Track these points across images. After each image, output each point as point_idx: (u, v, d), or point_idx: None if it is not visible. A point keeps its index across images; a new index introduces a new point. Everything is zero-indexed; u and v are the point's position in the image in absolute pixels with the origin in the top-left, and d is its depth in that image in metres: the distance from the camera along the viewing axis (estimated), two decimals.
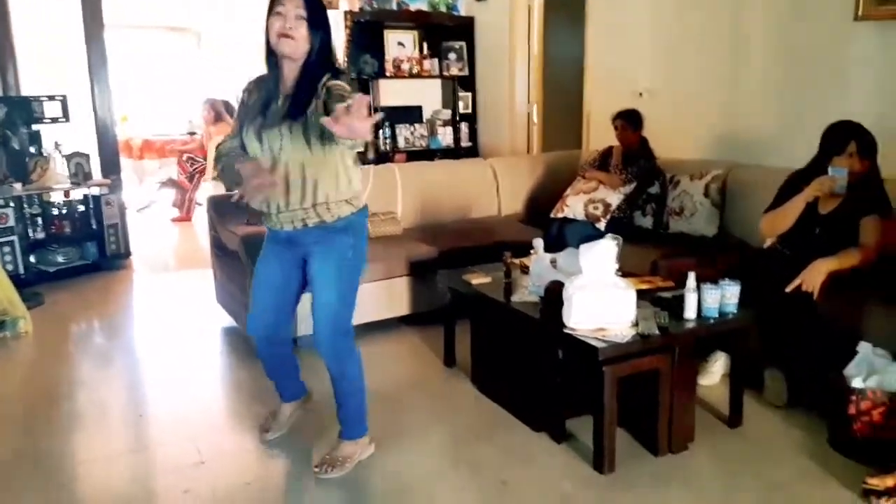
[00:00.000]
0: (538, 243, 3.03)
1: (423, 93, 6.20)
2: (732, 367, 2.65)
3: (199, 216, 6.97)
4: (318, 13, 2.13)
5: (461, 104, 6.24)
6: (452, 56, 6.09)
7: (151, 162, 8.08)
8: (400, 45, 5.87)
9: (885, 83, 3.27)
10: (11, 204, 4.55)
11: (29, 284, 4.47)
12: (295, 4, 2.08)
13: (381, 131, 5.82)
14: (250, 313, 2.44)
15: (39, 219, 4.87)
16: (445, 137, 6.14)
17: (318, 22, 2.12)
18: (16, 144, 4.67)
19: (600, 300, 2.36)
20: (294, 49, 2.11)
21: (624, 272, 2.76)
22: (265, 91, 2.23)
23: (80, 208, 5.09)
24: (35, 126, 4.87)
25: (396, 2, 5.78)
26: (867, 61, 3.34)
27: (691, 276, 2.45)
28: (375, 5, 5.74)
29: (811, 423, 2.60)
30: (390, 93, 5.99)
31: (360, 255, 2.33)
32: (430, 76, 6.02)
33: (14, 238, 4.54)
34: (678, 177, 3.95)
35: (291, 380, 2.63)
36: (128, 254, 5.31)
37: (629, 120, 4.05)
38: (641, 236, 3.85)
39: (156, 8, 8.58)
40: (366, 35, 5.69)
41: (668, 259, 3.36)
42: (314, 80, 2.12)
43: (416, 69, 5.88)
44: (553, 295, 2.52)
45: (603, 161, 4.22)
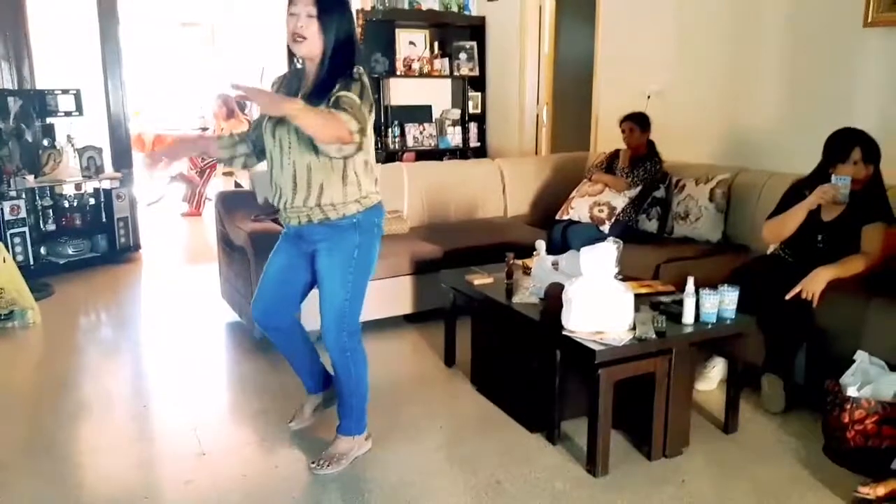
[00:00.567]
0: (541, 245, 3.05)
1: (433, 92, 6.22)
2: (730, 372, 2.65)
3: (209, 211, 7.03)
4: (330, 12, 2.10)
5: (471, 104, 6.26)
6: (463, 56, 6.11)
7: None
8: (411, 44, 5.90)
9: (893, 89, 3.26)
10: (23, 196, 4.62)
11: (39, 276, 4.54)
12: (305, 3, 2.09)
13: (389, 130, 5.85)
14: (254, 299, 2.48)
15: (51, 211, 4.94)
16: (454, 137, 6.17)
17: (331, 21, 2.10)
18: (29, 137, 4.73)
19: (599, 303, 2.37)
20: (308, 50, 2.12)
21: (626, 276, 2.78)
22: (287, 89, 2.26)
23: (91, 201, 5.15)
24: (49, 119, 4.93)
25: (408, 1, 5.80)
26: (876, 67, 3.34)
27: (690, 280, 2.46)
28: (388, 4, 5.77)
29: (806, 430, 2.61)
30: (401, 92, 6.02)
31: (367, 254, 2.30)
32: (440, 76, 6.05)
33: (25, 229, 4.61)
34: (684, 181, 3.96)
35: (309, 372, 2.64)
36: (137, 247, 5.37)
37: (637, 123, 4.05)
38: (646, 240, 3.87)
39: (170, 3, 8.65)
40: (377, 34, 5.72)
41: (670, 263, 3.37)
42: (326, 88, 2.11)
43: (426, 69, 5.90)
44: (553, 297, 2.55)
45: (610, 164, 4.23)
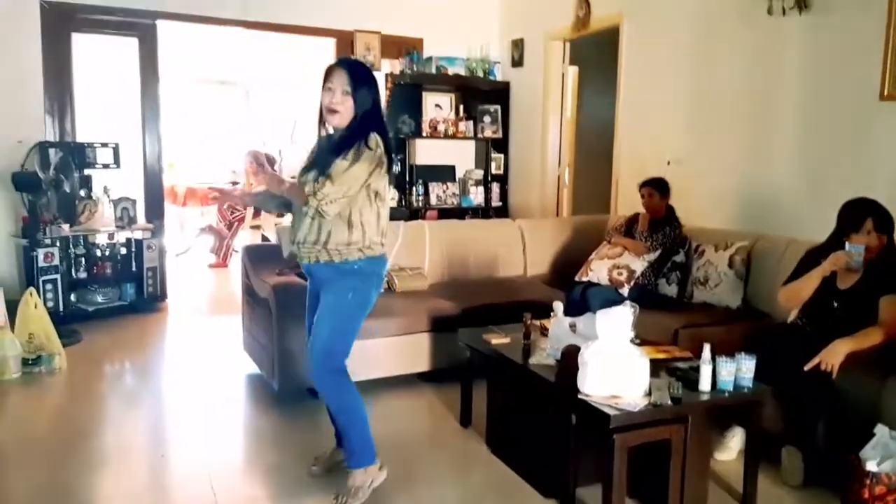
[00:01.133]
0: (558, 306, 3.07)
1: (457, 153, 6.38)
2: (748, 442, 2.62)
3: (235, 263, 7.17)
4: (362, 87, 2.39)
5: (493, 165, 6.39)
6: (487, 119, 6.28)
7: (194, 208, 8.36)
8: (437, 106, 6.09)
9: None
10: (58, 244, 4.77)
11: (68, 322, 4.64)
12: (341, 81, 2.38)
13: (413, 188, 5.98)
14: (307, 340, 2.63)
15: (83, 259, 5.09)
16: (477, 197, 6.28)
17: (362, 95, 2.39)
18: (67, 188, 4.91)
19: (614, 367, 2.38)
20: (340, 121, 2.41)
21: (643, 340, 2.79)
22: (319, 145, 2.56)
23: (123, 251, 5.30)
24: (87, 171, 5.13)
25: (436, 65, 6.01)
26: (891, 139, 3.38)
27: (706, 347, 2.46)
28: (416, 69, 5.98)
29: None
30: (425, 152, 6.18)
31: (361, 300, 2.49)
32: (464, 137, 6.21)
33: (57, 277, 4.74)
34: (703, 246, 3.98)
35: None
36: (164, 297, 5.49)
37: (656, 188, 4.11)
38: (665, 304, 3.87)
39: (208, 63, 9.03)
40: (405, 96, 5.93)
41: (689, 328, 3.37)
42: (339, 150, 2.37)
43: (451, 130, 6.06)
44: (569, 359, 2.55)
45: (629, 227, 4.27)
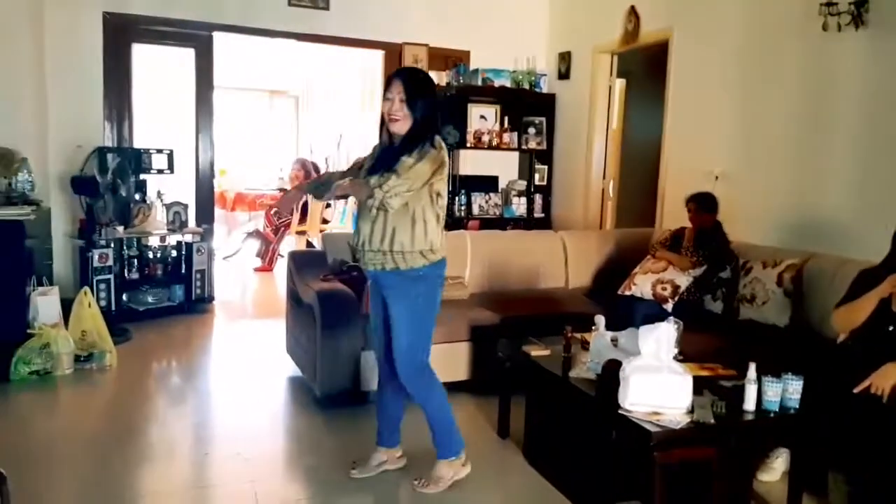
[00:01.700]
0: (600, 320, 3.04)
1: (500, 164, 6.39)
2: (793, 465, 2.55)
3: (280, 268, 7.31)
4: (418, 95, 2.51)
5: (537, 176, 6.38)
6: (532, 130, 6.27)
7: (242, 213, 8.56)
8: (482, 118, 6.11)
9: None
10: (112, 245, 4.94)
11: (119, 321, 4.80)
12: (398, 90, 2.51)
13: (456, 198, 6.01)
14: (374, 343, 2.85)
15: (135, 261, 5.25)
16: (519, 207, 6.27)
17: (417, 103, 2.51)
18: (123, 192, 5.09)
19: (656, 383, 2.35)
20: (399, 128, 2.54)
21: (686, 357, 2.75)
22: (379, 150, 2.68)
23: (173, 253, 5.46)
24: (142, 175, 5.31)
25: (482, 77, 6.04)
26: None
27: (752, 366, 2.42)
28: (462, 81, 6.02)
29: None
30: (469, 162, 6.21)
31: (430, 302, 2.65)
32: (508, 148, 6.21)
33: (111, 277, 4.91)
34: (751, 263, 3.89)
35: (388, 425, 2.86)
36: (211, 299, 5.62)
37: (701, 203, 4.04)
38: (710, 321, 3.80)
39: (260, 73, 9.27)
40: (451, 107, 5.96)
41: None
42: (404, 151, 2.51)
43: (495, 141, 6.08)
44: (610, 374, 2.53)
45: (674, 241, 4.21)
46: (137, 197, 5.27)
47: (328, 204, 7.94)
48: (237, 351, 4.71)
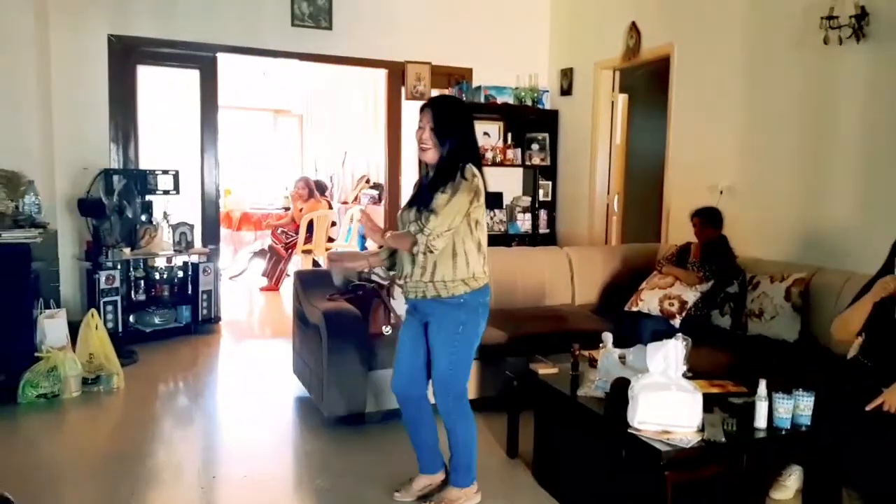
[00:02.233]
0: (607, 337, 3.03)
1: (504, 180, 6.39)
2: (806, 482, 2.52)
3: (287, 287, 7.31)
4: (446, 125, 2.54)
5: (541, 192, 6.39)
6: (535, 146, 6.29)
7: (248, 233, 8.59)
8: (485, 134, 6.14)
9: None
10: (118, 267, 4.95)
11: (126, 343, 4.79)
12: (427, 119, 2.56)
13: None
14: (393, 373, 2.80)
15: (142, 282, 5.26)
16: (524, 223, 6.27)
17: (446, 132, 2.54)
18: (129, 213, 5.11)
19: (666, 401, 2.33)
20: (429, 157, 2.59)
21: (696, 373, 2.73)
22: (418, 186, 2.73)
23: (180, 274, 5.46)
24: (148, 196, 5.32)
25: (485, 95, 6.07)
26: None
27: (762, 383, 2.40)
28: (465, 98, 6.05)
29: None
30: None
31: (471, 330, 2.64)
32: (512, 165, 6.23)
33: (117, 298, 4.92)
34: (758, 277, 3.88)
35: (426, 451, 2.82)
36: (217, 319, 5.62)
37: (707, 218, 4.04)
38: (718, 336, 3.78)
39: (265, 93, 9.34)
40: None
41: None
42: (437, 185, 2.52)
43: (499, 158, 6.10)
44: (618, 392, 2.52)
45: (680, 257, 4.20)
46: (143, 218, 5.27)
47: (333, 222, 7.97)
48: (244, 372, 4.70)
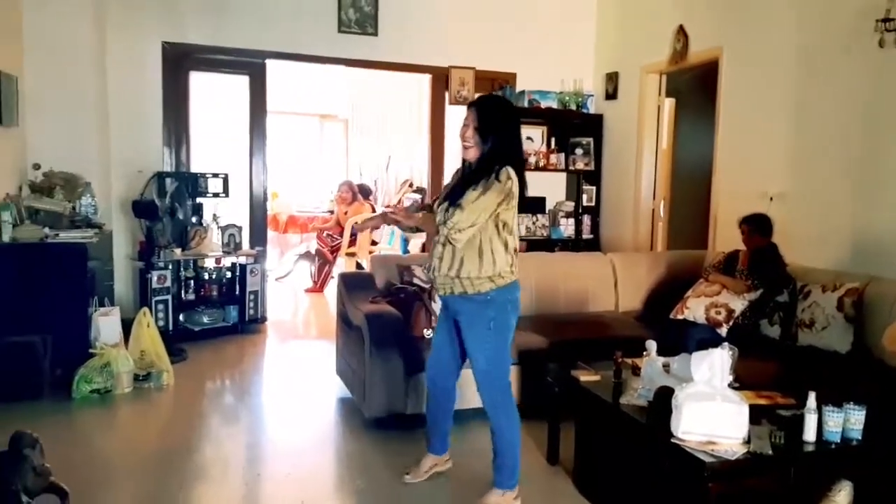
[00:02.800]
0: (651, 345, 2.99)
1: (547, 184, 6.36)
2: (857, 498, 2.45)
3: (331, 289, 7.41)
4: (489, 124, 2.59)
5: (585, 197, 6.34)
6: (579, 151, 6.25)
7: (294, 235, 8.74)
8: (529, 139, 6.12)
9: None
10: (170, 267, 5.11)
11: (175, 341, 4.93)
12: (472, 118, 2.62)
13: None
14: (428, 360, 2.98)
15: (192, 282, 5.40)
16: (567, 229, 6.24)
17: (489, 131, 2.59)
18: (181, 215, 5.27)
19: (710, 412, 2.30)
20: (470, 155, 2.65)
21: (743, 384, 2.67)
22: (456, 178, 2.77)
23: (228, 275, 5.59)
24: (199, 199, 5.48)
25: (528, 99, 6.06)
26: None
27: (812, 395, 2.34)
28: None
29: None
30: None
31: (502, 325, 2.68)
32: (555, 169, 6.20)
33: (168, 298, 5.07)
34: (809, 286, 3.78)
35: (440, 435, 2.99)
36: (263, 319, 5.74)
37: (755, 226, 3.95)
38: (766, 347, 3.69)
39: (311, 98, 9.51)
40: None
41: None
42: (471, 182, 2.58)
43: (542, 162, 6.08)
44: (662, 401, 2.49)
45: (728, 264, 4.12)
46: (194, 220, 5.43)
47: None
48: (288, 371, 4.79)
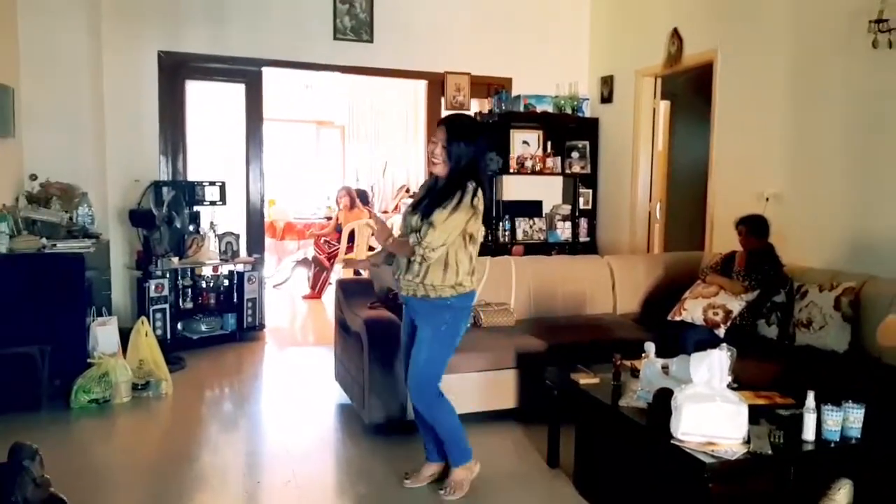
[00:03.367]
0: (650, 347, 3.00)
1: (544, 188, 6.36)
2: (856, 497, 2.45)
3: (328, 295, 7.41)
4: (459, 143, 2.70)
5: (581, 200, 6.33)
6: (575, 154, 6.26)
7: (291, 242, 8.73)
8: (525, 143, 6.13)
9: None
10: (167, 276, 5.10)
11: (174, 349, 4.92)
12: (441, 137, 2.73)
13: (500, 223, 6.02)
14: (405, 369, 2.98)
15: (190, 290, 5.39)
16: (564, 232, 6.23)
17: (457, 150, 2.70)
18: (178, 223, 5.26)
19: (710, 412, 2.30)
20: (438, 171, 2.77)
21: (742, 384, 2.68)
22: (426, 189, 2.88)
23: (226, 282, 5.59)
24: (196, 207, 5.47)
25: (524, 104, 6.07)
26: None
27: (810, 395, 2.34)
28: (504, 107, 6.07)
29: None
30: (512, 188, 6.21)
31: (453, 330, 2.82)
32: (551, 173, 6.20)
33: (166, 306, 5.06)
34: (806, 286, 3.78)
35: (434, 441, 2.98)
36: (262, 326, 5.73)
37: (752, 227, 3.96)
38: (764, 347, 3.70)
39: (308, 104, 9.52)
40: (493, 134, 6.00)
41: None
42: (441, 199, 2.69)
43: (538, 166, 6.08)
44: (661, 402, 2.49)
45: (725, 265, 4.13)
46: (191, 228, 5.42)
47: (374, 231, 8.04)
48: (287, 378, 4.78)
